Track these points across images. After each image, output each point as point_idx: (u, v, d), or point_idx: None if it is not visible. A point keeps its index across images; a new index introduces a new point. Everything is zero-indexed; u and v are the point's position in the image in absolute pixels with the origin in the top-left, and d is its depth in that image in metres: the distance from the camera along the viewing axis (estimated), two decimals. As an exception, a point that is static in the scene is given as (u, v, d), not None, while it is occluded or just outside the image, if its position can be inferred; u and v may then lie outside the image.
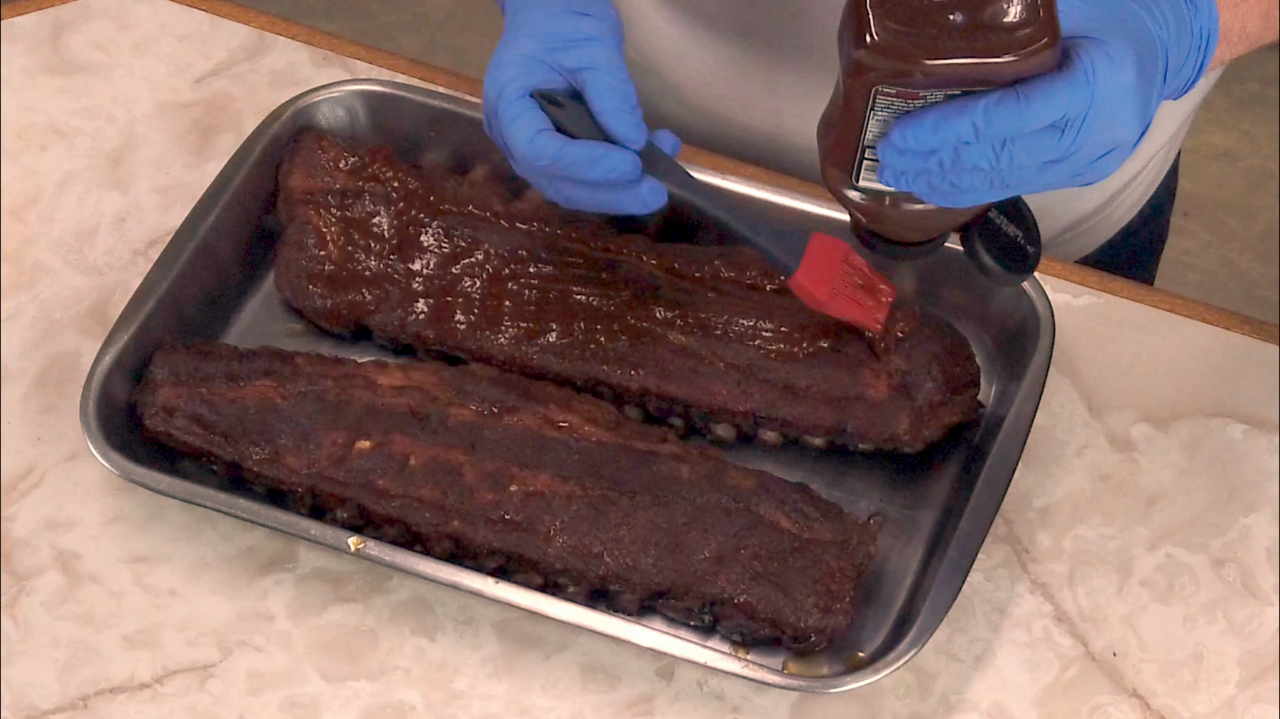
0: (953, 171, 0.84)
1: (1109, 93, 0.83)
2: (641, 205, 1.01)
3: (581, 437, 1.05)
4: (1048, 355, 1.08)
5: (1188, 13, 0.89)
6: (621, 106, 1.00)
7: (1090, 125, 0.83)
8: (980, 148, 0.83)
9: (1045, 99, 0.82)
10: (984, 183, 0.85)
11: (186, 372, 1.07)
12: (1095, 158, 0.85)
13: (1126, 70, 0.83)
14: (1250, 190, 2.47)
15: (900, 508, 1.08)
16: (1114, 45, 0.83)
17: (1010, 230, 0.93)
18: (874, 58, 0.81)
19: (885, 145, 0.85)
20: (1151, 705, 1.02)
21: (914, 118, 0.83)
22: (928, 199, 0.87)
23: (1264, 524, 1.08)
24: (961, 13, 0.81)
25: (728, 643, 1.03)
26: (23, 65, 1.27)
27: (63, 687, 1.02)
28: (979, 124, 0.82)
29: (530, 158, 1.00)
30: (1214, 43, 0.90)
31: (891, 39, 0.81)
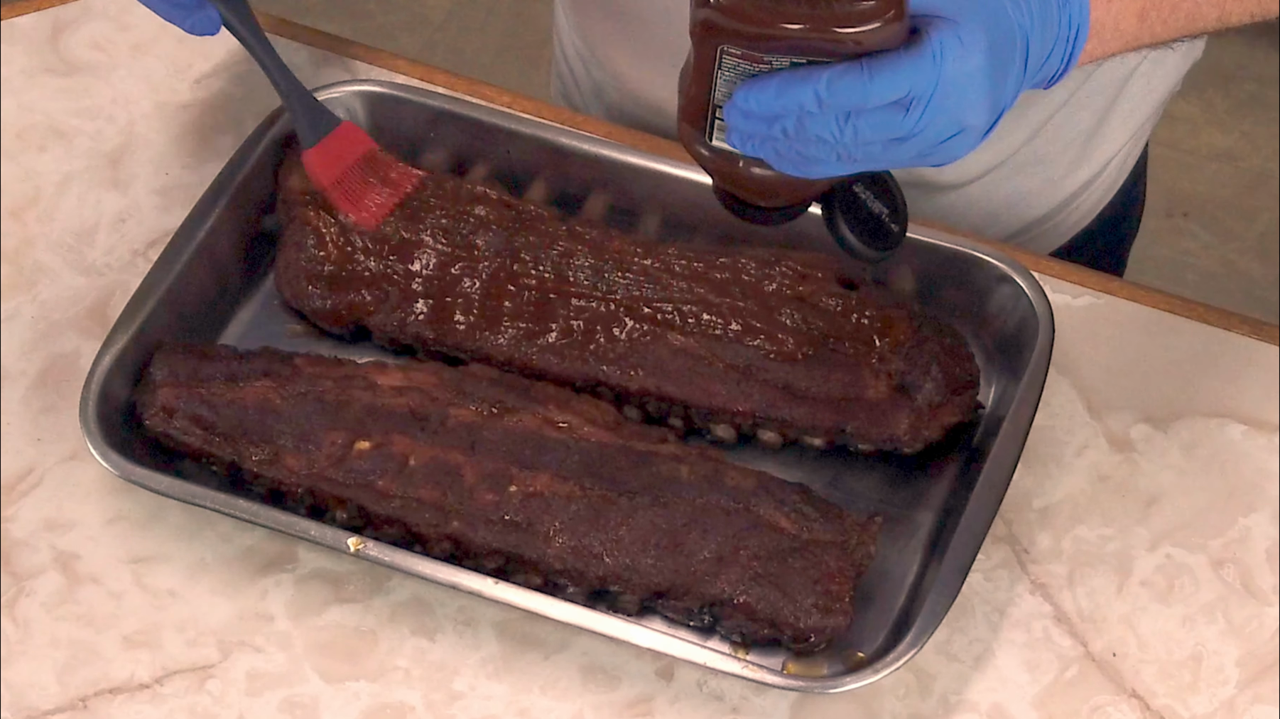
0: (797, 140, 0.84)
1: (956, 75, 0.82)
2: (194, 27, 1.10)
3: (581, 437, 1.05)
4: (1047, 355, 1.08)
5: (1055, 3, 0.89)
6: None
7: (936, 105, 0.83)
8: (824, 118, 0.83)
9: (890, 75, 0.81)
10: (830, 154, 0.84)
11: (186, 372, 1.07)
12: (942, 139, 0.85)
13: (976, 54, 0.83)
14: (1250, 191, 2.47)
15: (900, 508, 1.08)
16: (967, 28, 0.83)
17: (875, 206, 0.93)
18: (717, 17, 0.81)
19: (730, 107, 0.84)
20: (1151, 706, 1.02)
21: (758, 82, 0.83)
22: (776, 166, 0.87)
23: (1264, 524, 1.08)
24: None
25: (727, 643, 1.03)
26: (23, 65, 1.27)
27: (62, 687, 1.02)
28: (822, 94, 0.82)
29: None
30: (1084, 35, 0.90)
31: (735, 1, 0.81)
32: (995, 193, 1.25)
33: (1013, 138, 1.22)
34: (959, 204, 1.24)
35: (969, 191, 1.24)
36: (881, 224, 0.93)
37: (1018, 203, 1.27)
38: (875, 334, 1.09)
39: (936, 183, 1.23)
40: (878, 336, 1.09)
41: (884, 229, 0.93)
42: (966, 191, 1.24)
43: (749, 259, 1.12)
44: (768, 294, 1.10)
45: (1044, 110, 1.21)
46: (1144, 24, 0.93)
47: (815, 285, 1.11)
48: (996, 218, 1.26)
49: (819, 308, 1.10)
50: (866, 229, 0.93)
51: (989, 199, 1.25)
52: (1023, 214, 1.27)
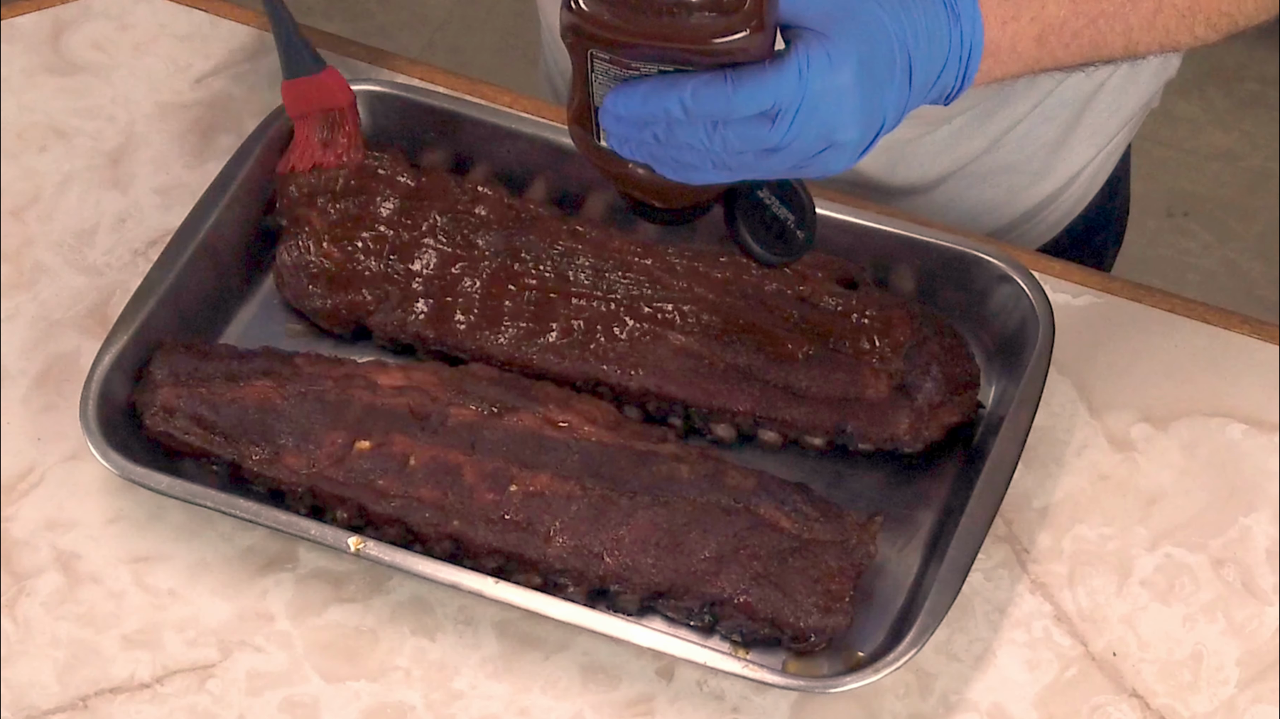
0: (669, 146, 0.84)
1: (822, 90, 0.83)
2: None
3: (581, 436, 1.05)
4: (1047, 355, 1.08)
5: (946, 21, 0.89)
6: None
7: (803, 119, 0.83)
8: (691, 127, 0.83)
9: (753, 87, 0.82)
10: (704, 162, 0.85)
11: (186, 372, 1.07)
12: (813, 152, 0.85)
13: (845, 70, 0.83)
14: (1250, 190, 2.47)
15: (900, 508, 1.08)
16: (836, 43, 0.83)
17: (780, 212, 0.93)
18: (578, 23, 0.82)
19: (601, 111, 0.85)
20: (1151, 705, 1.02)
21: (625, 87, 0.83)
22: (657, 170, 0.87)
23: (1264, 524, 1.08)
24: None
25: (727, 643, 1.03)
26: (23, 65, 1.27)
27: (62, 687, 1.02)
28: (687, 103, 0.82)
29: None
30: (977, 54, 0.90)
31: (595, 7, 0.81)
32: (958, 200, 1.25)
33: (970, 145, 1.22)
34: (921, 209, 1.24)
35: (932, 197, 1.25)
36: (785, 229, 0.93)
37: (981, 212, 1.27)
38: (875, 334, 1.09)
39: (888, 185, 1.23)
40: (878, 336, 1.09)
41: (788, 235, 0.93)
42: (929, 197, 1.25)
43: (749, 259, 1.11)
44: (768, 294, 1.10)
45: (1004, 121, 1.21)
46: (1043, 48, 0.93)
47: (815, 285, 1.11)
48: (975, 220, 1.27)
49: (819, 308, 1.10)
50: (771, 233, 0.93)
51: (951, 206, 1.25)
52: (986, 223, 1.27)
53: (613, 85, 0.84)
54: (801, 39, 0.83)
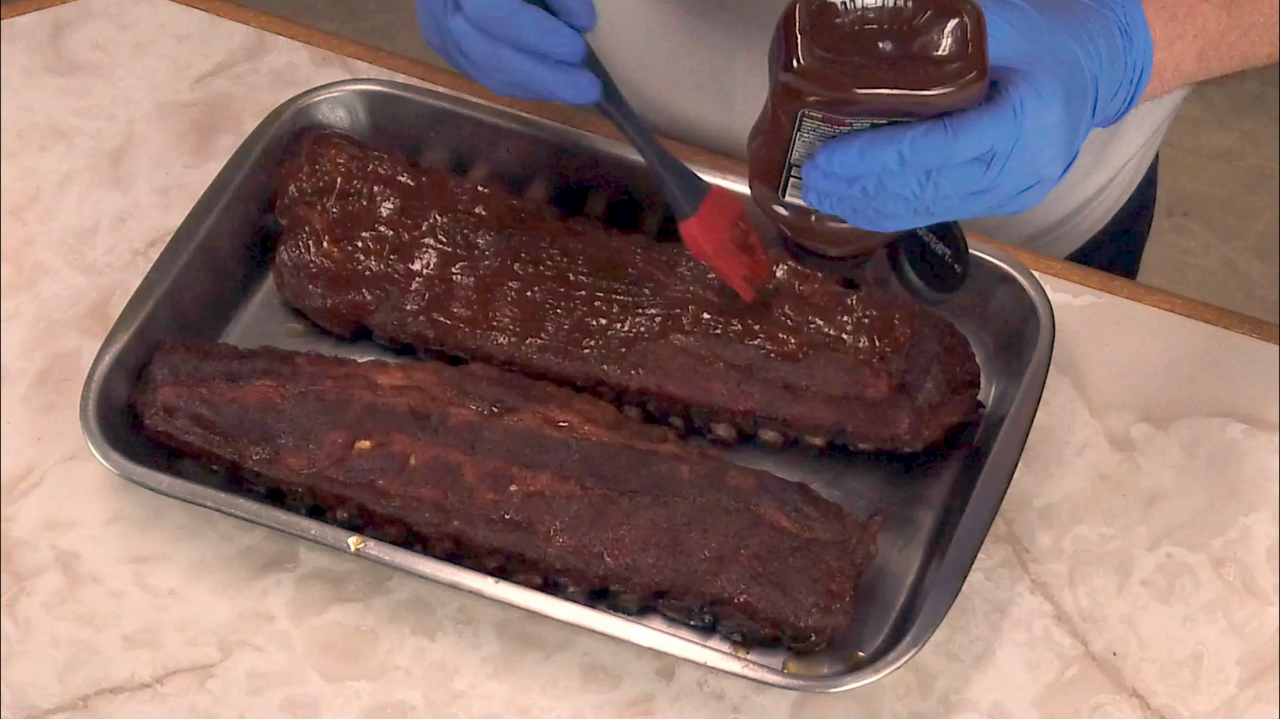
0: (876, 198, 0.84)
1: (1035, 128, 0.83)
2: (576, 94, 1.00)
3: (581, 436, 1.05)
4: (1048, 355, 1.08)
5: (1122, 46, 0.89)
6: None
7: (1016, 160, 0.83)
8: (905, 177, 0.83)
9: (972, 133, 0.81)
10: (907, 210, 0.85)
11: (186, 371, 1.07)
12: (1019, 190, 0.85)
13: (1054, 107, 0.83)
14: (1250, 190, 2.47)
15: (900, 508, 1.08)
16: (1043, 81, 0.83)
17: (938, 248, 0.93)
18: (800, 82, 0.81)
19: (810, 167, 0.84)
20: (1151, 705, 1.02)
21: (840, 143, 0.83)
22: (851, 222, 0.87)
23: (1264, 524, 1.08)
24: (891, 42, 0.81)
25: (728, 643, 1.03)
26: (23, 65, 1.27)
27: (63, 687, 1.02)
28: (905, 154, 0.82)
29: (485, 7, 0.97)
30: (1147, 77, 0.90)
31: (818, 66, 0.81)
32: None
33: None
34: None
35: None
36: (945, 266, 0.93)
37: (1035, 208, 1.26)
38: (875, 333, 1.09)
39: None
40: (878, 336, 1.09)
41: (948, 270, 0.94)
42: None
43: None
44: (768, 294, 1.10)
45: None
46: (1202, 64, 0.94)
47: (815, 285, 1.11)
48: (1011, 221, 1.26)
49: (819, 307, 1.10)
50: (931, 271, 0.93)
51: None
52: (1039, 219, 1.27)
53: (820, 142, 0.84)
54: (1010, 80, 0.83)
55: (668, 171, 1.05)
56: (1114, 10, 0.89)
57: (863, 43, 0.81)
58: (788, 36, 0.81)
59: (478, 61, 1.00)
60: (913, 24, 0.81)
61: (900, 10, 0.81)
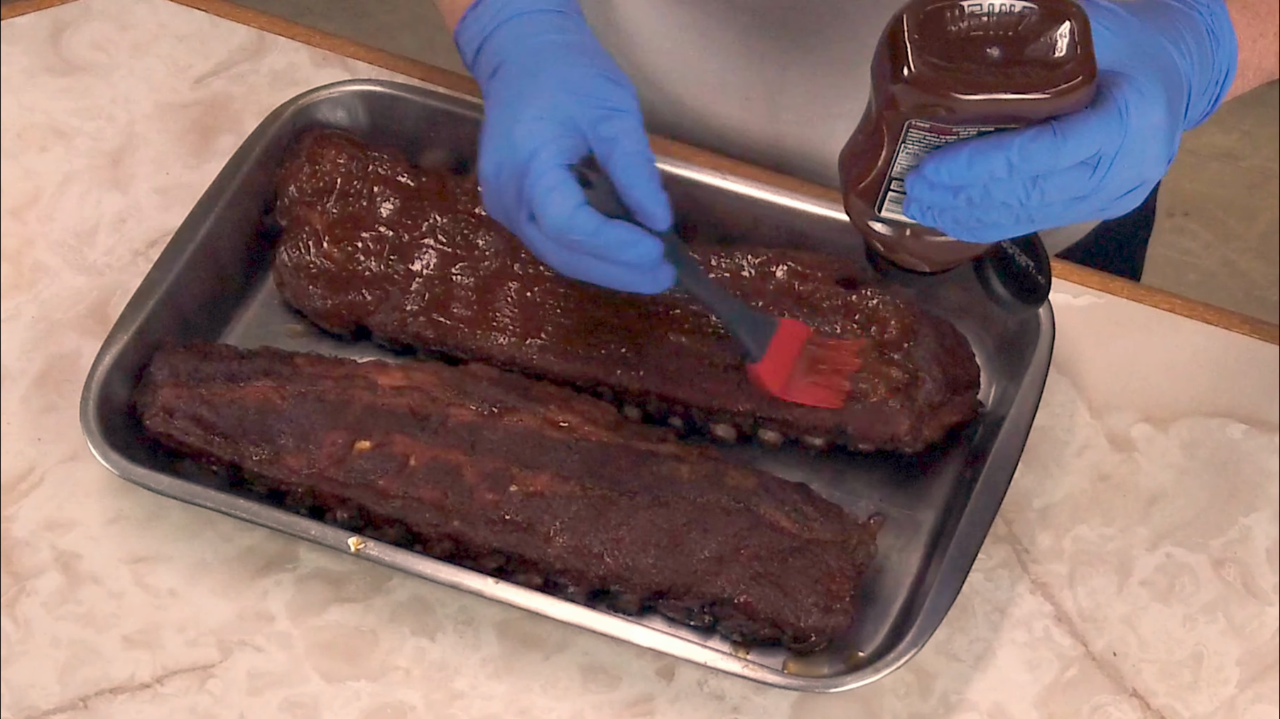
0: (981, 207, 0.84)
1: (1141, 130, 0.83)
2: (654, 287, 0.98)
3: (581, 437, 1.05)
4: (1048, 355, 1.08)
5: (1211, 47, 0.89)
6: (652, 186, 0.96)
7: (1121, 162, 0.83)
8: (1012, 184, 0.82)
9: (1081, 136, 0.81)
10: (1010, 218, 0.84)
11: (186, 372, 1.07)
12: (1121, 194, 0.85)
13: (1158, 108, 0.83)
14: (1250, 190, 2.47)
15: (900, 508, 1.08)
16: (1146, 82, 0.83)
17: (1022, 260, 0.93)
18: (911, 91, 0.81)
19: (916, 178, 0.84)
20: (1151, 705, 1.02)
21: (947, 152, 0.82)
22: (951, 233, 0.86)
23: (1264, 524, 1.08)
24: (999, 48, 0.80)
25: (728, 643, 1.03)
26: (23, 65, 1.27)
27: (63, 687, 1.02)
28: (1014, 160, 0.81)
29: (566, 230, 0.94)
30: (1232, 76, 0.91)
31: (929, 73, 0.80)
32: None
33: None
34: None
35: None
36: (1029, 277, 0.93)
37: None
38: (876, 334, 1.09)
39: None
40: (878, 336, 1.09)
41: (1032, 282, 0.94)
42: None
43: (749, 259, 1.12)
44: (768, 294, 1.10)
45: None
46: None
47: (815, 285, 1.11)
48: None
49: (819, 308, 1.10)
50: (1016, 283, 0.93)
51: None
52: None
53: (925, 153, 0.83)
54: (1113, 82, 0.83)
55: (735, 320, 1.03)
56: (1201, 12, 0.90)
57: (972, 49, 0.80)
58: (895, 45, 0.81)
59: (554, 266, 0.98)
60: (1020, 29, 0.80)
61: (1008, 15, 0.81)
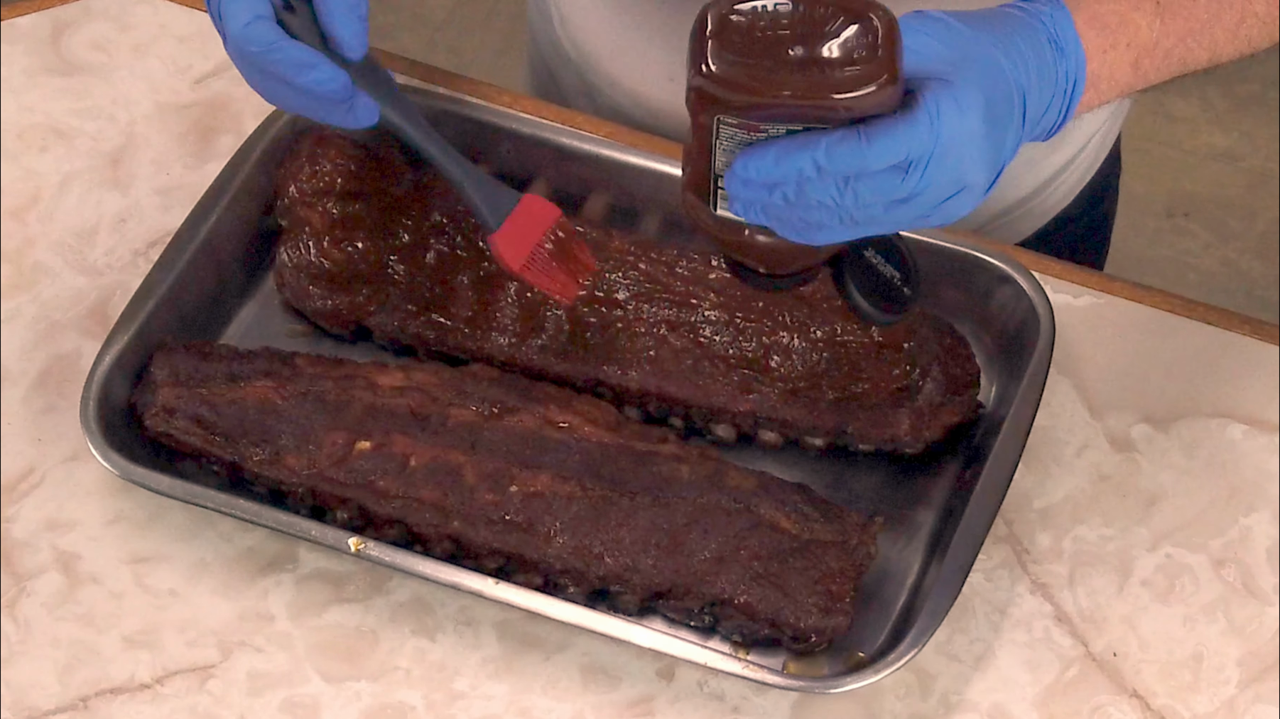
0: (799, 206, 0.84)
1: (954, 136, 0.82)
2: (352, 121, 1.02)
3: (582, 437, 1.05)
4: (1048, 355, 1.08)
5: (1052, 58, 0.89)
6: (349, 15, 1.00)
7: (935, 167, 0.83)
8: (823, 184, 0.83)
9: (887, 140, 0.81)
10: (832, 219, 0.84)
11: (187, 372, 1.07)
12: (943, 199, 0.85)
13: (973, 115, 0.83)
14: (1250, 190, 2.47)
15: (900, 508, 1.08)
16: (963, 89, 0.83)
17: (886, 270, 0.93)
18: (711, 87, 0.81)
19: (729, 175, 0.84)
20: (1152, 706, 1.02)
21: (756, 149, 0.83)
22: (780, 233, 0.86)
23: (1264, 524, 1.08)
24: (802, 47, 0.80)
25: (728, 643, 1.03)
26: (23, 66, 1.27)
27: (63, 687, 1.02)
28: (820, 161, 0.82)
29: (241, 41, 0.99)
30: (1081, 88, 0.90)
31: (727, 70, 0.80)
32: None
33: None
34: None
35: None
36: (893, 287, 0.93)
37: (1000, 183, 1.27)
38: (876, 334, 1.09)
39: None
40: (878, 337, 1.09)
41: (895, 292, 0.93)
42: None
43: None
44: (767, 295, 1.10)
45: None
46: (1138, 72, 0.94)
47: (814, 286, 1.11)
48: None
49: (818, 307, 1.10)
50: (878, 292, 0.93)
51: None
52: (1004, 195, 1.27)
53: (738, 150, 0.84)
54: (927, 87, 0.83)
55: (469, 187, 1.03)
56: (1043, 22, 0.89)
57: (773, 47, 0.80)
58: (697, 41, 0.81)
59: (255, 90, 1.03)
60: (824, 29, 0.80)
61: (811, 15, 0.81)
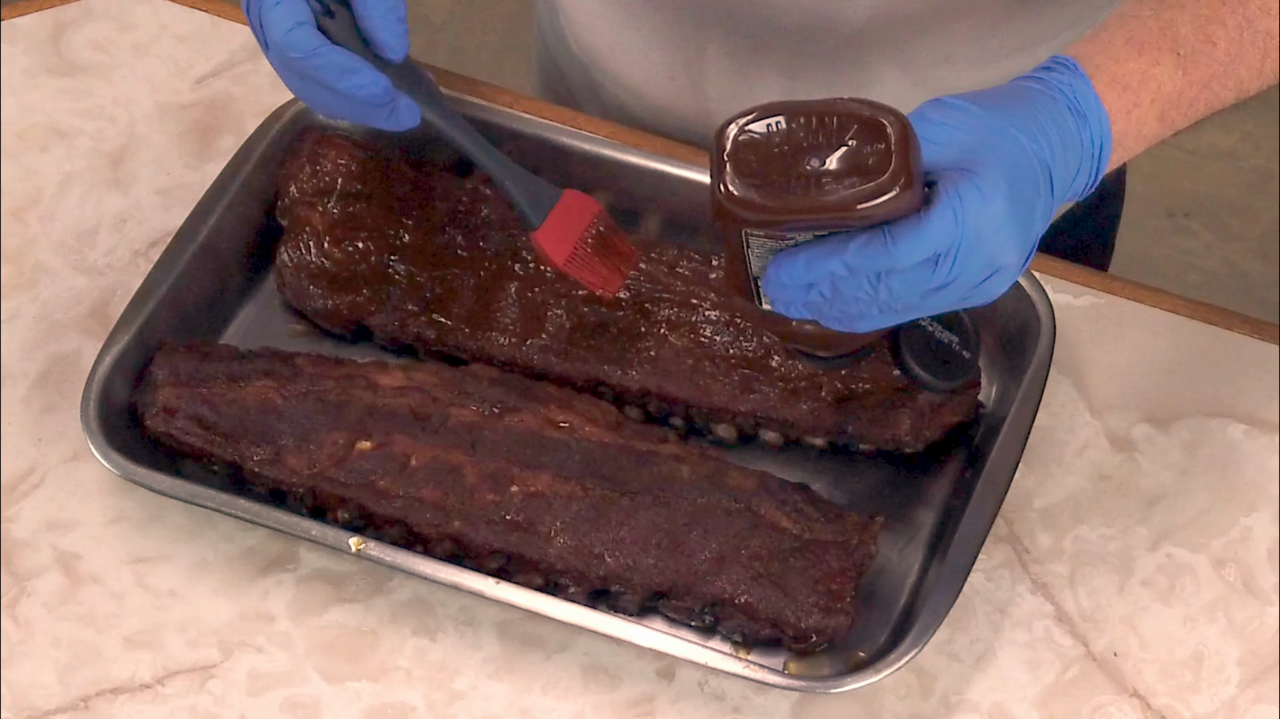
0: (836, 301, 0.84)
1: (980, 224, 0.83)
2: (394, 123, 1.03)
3: (582, 437, 1.05)
4: (1048, 355, 1.08)
5: (1075, 126, 0.89)
6: (388, 17, 1.01)
7: (964, 256, 0.83)
8: (856, 282, 0.83)
9: (912, 239, 0.81)
10: (871, 309, 0.85)
11: (187, 372, 1.07)
12: (977, 282, 0.85)
13: (997, 200, 0.83)
14: (1251, 190, 2.47)
15: (901, 508, 1.08)
16: (985, 175, 0.83)
17: (943, 335, 0.93)
18: (732, 208, 0.81)
19: (765, 282, 0.85)
20: (1152, 705, 1.02)
21: (785, 256, 0.83)
22: (824, 324, 0.87)
23: (1265, 524, 1.08)
24: (817, 160, 0.81)
25: (728, 643, 1.03)
26: (23, 66, 1.27)
27: (64, 687, 1.02)
28: (849, 263, 0.82)
29: (283, 48, 0.99)
30: (1108, 151, 0.90)
31: (744, 191, 0.81)
32: None
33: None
34: None
35: None
36: (951, 352, 0.93)
37: None
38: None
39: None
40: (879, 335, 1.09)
41: (954, 357, 0.93)
42: None
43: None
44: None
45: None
46: (1165, 123, 0.94)
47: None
48: None
49: (820, 308, 1.10)
50: (936, 359, 0.93)
51: None
52: None
53: (770, 256, 0.84)
54: (949, 178, 0.83)
55: (511, 183, 1.04)
56: (1062, 91, 0.89)
57: (788, 164, 0.81)
58: (716, 163, 0.82)
59: (297, 96, 1.04)
60: (837, 141, 0.81)
61: (824, 127, 0.81)
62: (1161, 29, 0.93)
